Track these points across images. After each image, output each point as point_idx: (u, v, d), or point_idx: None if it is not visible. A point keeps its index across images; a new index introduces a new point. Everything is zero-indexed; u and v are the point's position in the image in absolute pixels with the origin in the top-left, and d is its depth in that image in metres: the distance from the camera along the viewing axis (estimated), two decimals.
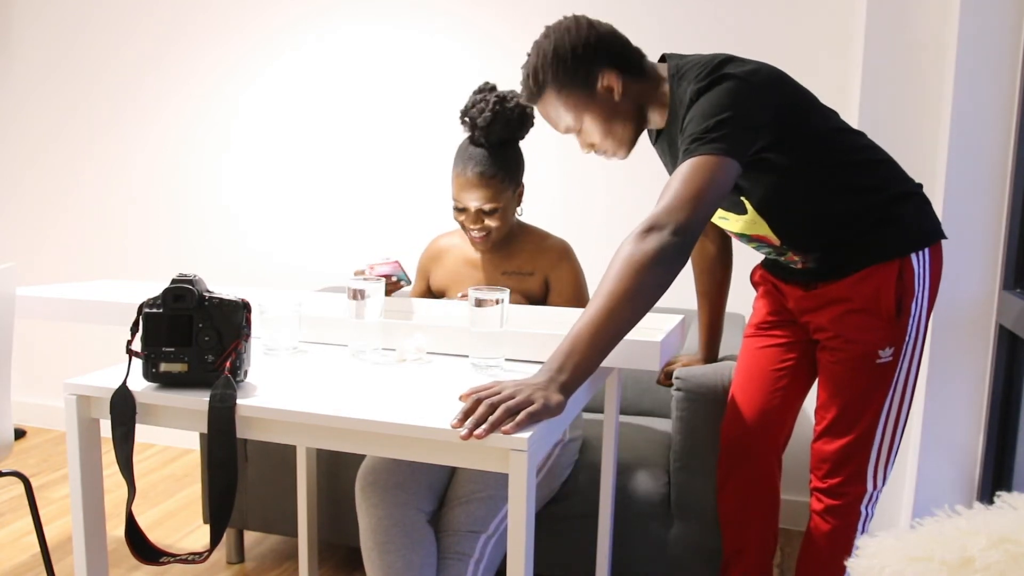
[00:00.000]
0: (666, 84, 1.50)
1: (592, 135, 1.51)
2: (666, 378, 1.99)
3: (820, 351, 1.63)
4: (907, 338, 1.53)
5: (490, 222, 1.84)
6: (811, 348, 1.69)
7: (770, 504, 1.74)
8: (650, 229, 1.23)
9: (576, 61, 1.46)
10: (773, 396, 1.68)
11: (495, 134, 1.81)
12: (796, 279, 1.63)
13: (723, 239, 1.83)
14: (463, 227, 1.88)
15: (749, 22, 2.47)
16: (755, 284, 1.81)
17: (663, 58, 1.55)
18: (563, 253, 1.93)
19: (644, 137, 1.65)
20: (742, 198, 1.51)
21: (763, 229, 1.55)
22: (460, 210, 1.86)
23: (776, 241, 1.56)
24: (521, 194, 1.91)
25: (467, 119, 1.84)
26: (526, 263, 1.92)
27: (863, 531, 1.63)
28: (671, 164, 1.58)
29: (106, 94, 3.14)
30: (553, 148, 2.68)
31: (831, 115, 1.52)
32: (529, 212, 2.19)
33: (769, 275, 1.73)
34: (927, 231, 1.54)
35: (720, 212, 1.58)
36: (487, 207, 1.82)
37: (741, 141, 1.33)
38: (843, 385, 1.57)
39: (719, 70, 1.37)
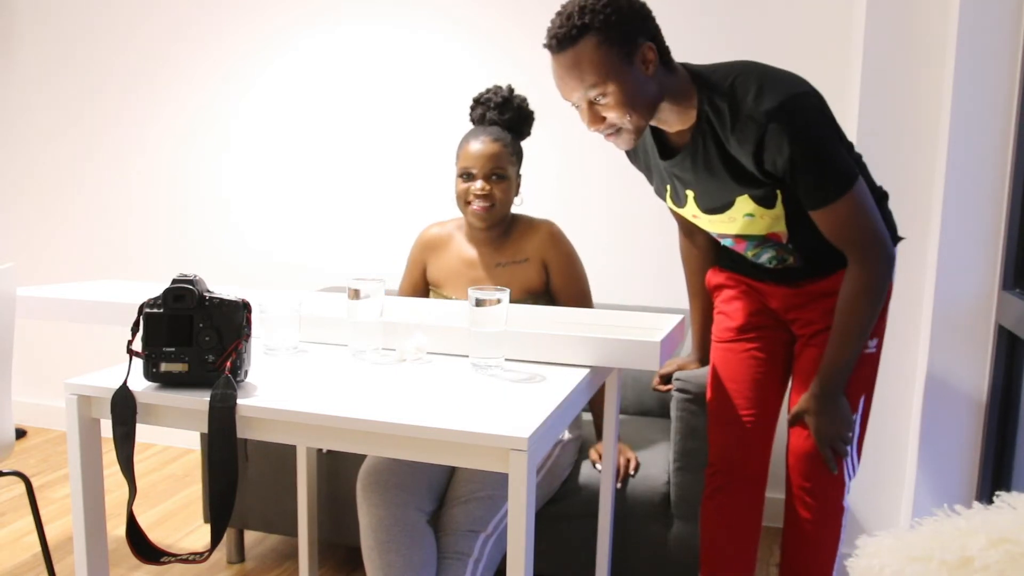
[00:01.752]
0: (693, 89, 1.45)
1: (610, 108, 1.39)
2: (661, 381, 1.98)
3: (805, 348, 1.62)
4: (884, 330, 1.62)
5: (496, 191, 1.86)
6: (790, 349, 1.69)
7: (753, 537, 1.72)
8: (860, 270, 1.46)
9: (629, 15, 1.36)
10: (761, 400, 1.67)
11: (506, 114, 1.92)
12: (773, 278, 1.64)
13: (713, 243, 1.81)
14: (465, 204, 1.89)
15: (749, 21, 2.47)
16: (716, 288, 1.78)
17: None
18: (553, 236, 1.95)
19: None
20: (778, 191, 1.48)
21: (780, 226, 1.54)
22: (466, 180, 1.88)
23: (784, 238, 1.56)
24: (519, 184, 1.95)
25: (480, 103, 1.95)
26: (518, 251, 1.94)
27: (844, 526, 1.64)
28: (696, 180, 1.53)
29: (106, 95, 3.14)
30: (551, 146, 2.68)
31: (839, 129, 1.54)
32: (526, 210, 2.20)
33: (741, 276, 1.71)
34: (895, 229, 1.62)
35: (749, 208, 1.51)
36: (496, 172, 1.86)
37: (846, 156, 1.42)
38: None
39: (785, 91, 1.38)
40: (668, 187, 1.63)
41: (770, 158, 1.40)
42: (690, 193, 1.57)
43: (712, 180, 1.50)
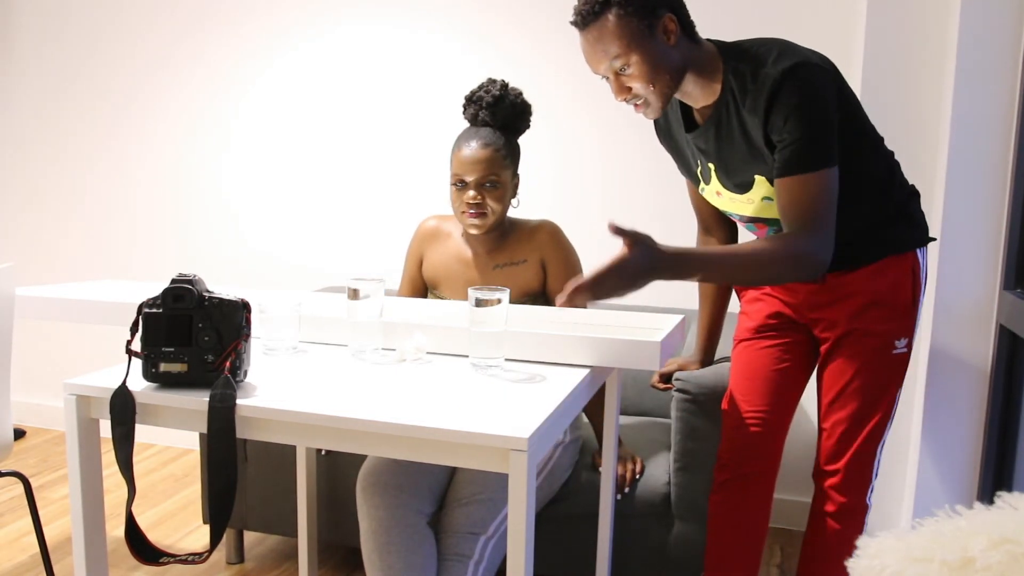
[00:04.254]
0: (719, 61, 1.49)
1: (634, 78, 1.45)
2: (661, 380, 1.98)
3: (831, 349, 1.62)
4: (915, 330, 1.61)
5: (490, 201, 1.82)
6: (809, 349, 1.69)
7: (761, 528, 1.72)
8: (790, 240, 1.41)
9: None
10: (775, 398, 1.68)
11: (499, 114, 1.86)
12: None
13: (731, 239, 1.82)
14: (459, 212, 1.86)
15: (748, 22, 2.47)
16: (743, 288, 1.80)
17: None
18: (552, 235, 1.92)
19: (640, 130, 1.65)
20: None
21: None
22: (460, 187, 1.84)
23: None
24: (517, 185, 1.92)
25: (472, 102, 1.89)
26: (516, 252, 1.91)
27: (867, 523, 1.64)
28: (719, 150, 1.55)
29: (107, 97, 3.14)
30: (548, 145, 2.68)
31: (864, 113, 1.55)
32: (523, 209, 2.19)
33: None
34: (927, 229, 1.63)
35: (767, 191, 1.53)
36: (489, 179, 1.82)
37: (834, 143, 1.43)
38: (861, 380, 1.58)
39: (805, 57, 1.41)
40: (697, 165, 1.64)
41: (775, 121, 1.42)
42: (712, 166, 1.59)
43: (732, 153, 1.52)
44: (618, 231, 1.34)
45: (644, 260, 1.34)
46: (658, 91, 1.46)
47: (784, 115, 1.40)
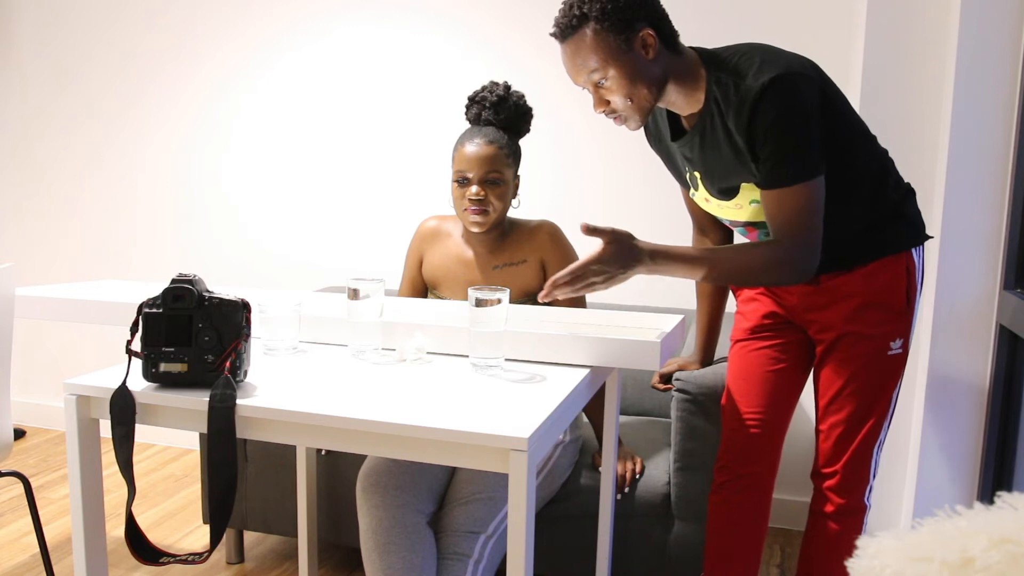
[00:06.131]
0: (701, 70, 1.48)
1: (612, 91, 1.46)
2: (661, 380, 1.98)
3: (826, 351, 1.62)
4: (911, 330, 1.60)
5: (492, 197, 1.82)
6: (805, 349, 1.69)
7: (759, 530, 1.72)
8: (779, 248, 1.44)
9: (626, 3, 1.42)
10: (772, 399, 1.67)
11: (502, 114, 1.88)
12: None
13: (726, 240, 1.81)
14: (461, 209, 1.85)
15: (747, 21, 2.46)
16: (739, 289, 1.80)
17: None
18: (552, 235, 1.92)
19: (638, 131, 1.65)
20: None
21: None
22: (463, 184, 1.84)
23: None
24: (518, 185, 1.92)
25: (475, 102, 1.91)
26: (516, 253, 1.91)
27: (866, 523, 1.64)
28: (703, 159, 1.55)
29: (109, 97, 3.14)
30: (548, 146, 2.68)
31: (854, 112, 1.55)
32: (523, 209, 2.19)
33: None
34: (923, 227, 1.62)
35: (755, 195, 1.52)
36: (492, 176, 1.82)
37: (818, 153, 1.43)
38: (857, 382, 1.58)
39: (785, 66, 1.40)
40: (686, 171, 1.64)
41: (756, 135, 1.42)
42: (698, 175, 1.59)
43: (718, 161, 1.52)
44: (592, 231, 1.37)
45: (621, 256, 1.39)
46: (636, 105, 1.47)
47: (764, 129, 1.41)
